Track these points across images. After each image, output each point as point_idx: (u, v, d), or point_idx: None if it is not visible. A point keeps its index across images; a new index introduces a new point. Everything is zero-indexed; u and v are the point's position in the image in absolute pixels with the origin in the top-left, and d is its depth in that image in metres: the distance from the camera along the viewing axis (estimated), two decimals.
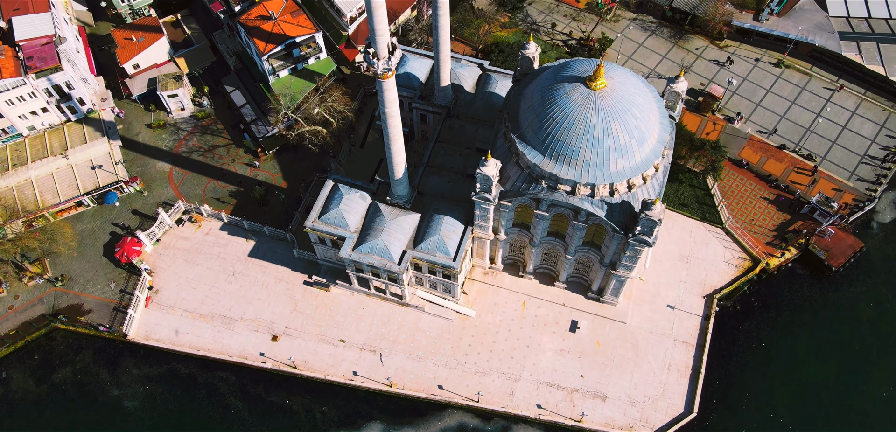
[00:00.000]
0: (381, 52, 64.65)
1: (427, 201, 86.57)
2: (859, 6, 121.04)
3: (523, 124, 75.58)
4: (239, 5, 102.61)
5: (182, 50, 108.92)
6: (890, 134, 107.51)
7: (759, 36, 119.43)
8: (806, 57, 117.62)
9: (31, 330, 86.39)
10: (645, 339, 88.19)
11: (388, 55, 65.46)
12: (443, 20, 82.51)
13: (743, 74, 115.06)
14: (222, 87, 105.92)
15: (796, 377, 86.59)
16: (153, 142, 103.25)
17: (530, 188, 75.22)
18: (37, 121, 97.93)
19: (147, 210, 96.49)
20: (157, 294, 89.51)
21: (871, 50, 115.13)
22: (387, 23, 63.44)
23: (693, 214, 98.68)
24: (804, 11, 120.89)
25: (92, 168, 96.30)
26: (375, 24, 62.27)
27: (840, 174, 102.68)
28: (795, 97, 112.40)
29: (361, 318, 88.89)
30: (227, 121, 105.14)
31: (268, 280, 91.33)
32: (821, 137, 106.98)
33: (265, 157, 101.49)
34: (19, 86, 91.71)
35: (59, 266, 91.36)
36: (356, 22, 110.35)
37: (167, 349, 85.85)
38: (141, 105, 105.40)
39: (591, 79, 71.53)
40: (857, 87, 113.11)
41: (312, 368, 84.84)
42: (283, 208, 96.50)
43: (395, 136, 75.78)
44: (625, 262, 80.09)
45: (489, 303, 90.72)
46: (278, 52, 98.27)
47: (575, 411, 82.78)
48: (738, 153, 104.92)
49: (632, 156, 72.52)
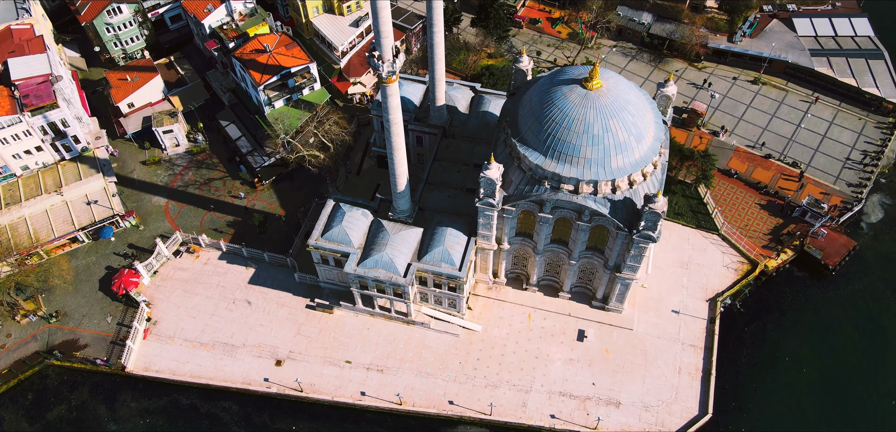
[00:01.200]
0: (386, 54, 65.08)
1: (429, 216, 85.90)
2: (825, 25, 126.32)
3: (523, 128, 76.16)
4: (233, 42, 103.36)
5: (176, 89, 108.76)
6: (868, 140, 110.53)
7: (735, 56, 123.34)
8: (780, 74, 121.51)
9: (24, 368, 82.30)
10: (653, 345, 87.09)
11: (393, 58, 65.96)
12: (437, 37, 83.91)
13: (723, 92, 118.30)
14: (217, 121, 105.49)
15: (806, 375, 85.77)
16: (148, 179, 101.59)
17: (533, 190, 75.19)
18: (31, 160, 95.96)
19: (143, 244, 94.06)
20: (155, 325, 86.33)
21: (842, 64, 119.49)
22: (391, 25, 64.17)
23: (689, 223, 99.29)
24: (774, 32, 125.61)
25: (87, 203, 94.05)
26: (380, 25, 62.89)
27: (825, 179, 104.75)
28: (775, 111, 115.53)
29: (367, 339, 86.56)
30: (223, 155, 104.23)
31: (269, 306, 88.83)
32: (803, 146, 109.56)
33: (262, 187, 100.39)
34: (14, 123, 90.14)
35: (54, 302, 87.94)
36: (347, 56, 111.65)
37: (167, 380, 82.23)
38: (135, 143, 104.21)
39: (588, 80, 72.89)
40: (832, 100, 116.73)
41: (319, 390, 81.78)
42: (282, 235, 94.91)
43: (397, 145, 75.63)
44: (629, 263, 79.70)
45: (494, 317, 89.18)
46: (274, 82, 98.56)
47: (589, 419, 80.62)
48: (727, 164, 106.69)
49: (631, 153, 73.21)
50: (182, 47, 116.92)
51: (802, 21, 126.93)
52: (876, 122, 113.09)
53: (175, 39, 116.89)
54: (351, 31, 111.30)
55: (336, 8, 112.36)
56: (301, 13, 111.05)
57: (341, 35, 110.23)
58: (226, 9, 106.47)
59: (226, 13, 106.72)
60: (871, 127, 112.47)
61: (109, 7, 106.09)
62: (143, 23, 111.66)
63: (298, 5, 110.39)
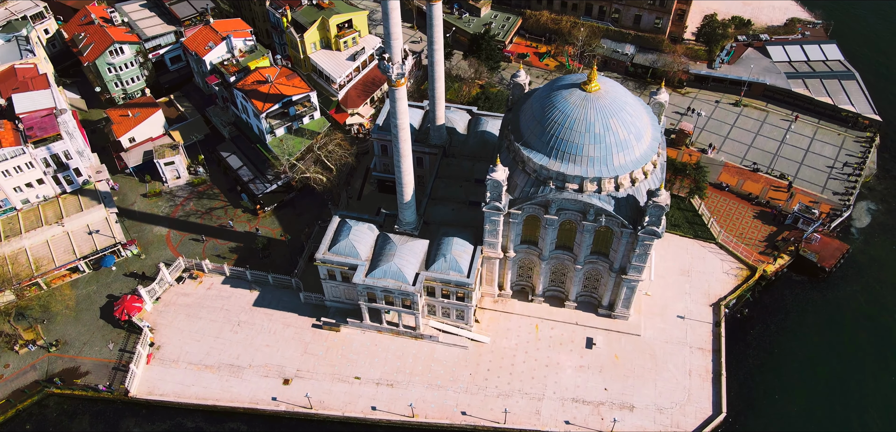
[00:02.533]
0: (396, 56, 66.32)
1: (433, 229, 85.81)
2: (797, 52, 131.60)
3: (526, 132, 77.41)
4: (234, 76, 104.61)
5: (176, 124, 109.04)
6: (849, 153, 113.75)
7: (716, 81, 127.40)
8: (759, 96, 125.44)
9: (22, 398, 78.69)
10: (661, 349, 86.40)
11: (402, 61, 67.22)
12: (437, 55, 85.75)
13: (707, 114, 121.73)
14: (217, 153, 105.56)
15: (814, 374, 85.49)
16: (149, 210, 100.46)
17: (539, 191, 75.81)
18: (32, 193, 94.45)
19: (145, 272, 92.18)
20: (158, 350, 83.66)
21: (817, 85, 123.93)
22: (400, 27, 65.64)
23: (686, 233, 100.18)
24: (751, 59, 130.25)
25: (89, 233, 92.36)
26: (391, 27, 64.30)
27: (812, 189, 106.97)
28: (758, 129, 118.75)
29: (375, 355, 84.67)
30: (223, 185, 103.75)
31: (275, 326, 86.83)
32: (788, 160, 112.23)
33: (264, 214, 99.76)
34: (18, 155, 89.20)
35: (54, 331, 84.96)
36: (345, 88, 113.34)
37: (172, 402, 79.15)
38: (136, 177, 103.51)
39: (586, 83, 74.94)
40: (811, 118, 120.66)
41: (328, 407, 79.22)
42: (286, 256, 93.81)
43: (405, 152, 76.13)
44: (635, 263, 79.80)
45: (502, 329, 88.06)
46: (275, 110, 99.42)
47: (604, 423, 78.99)
48: (717, 178, 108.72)
49: (632, 150, 74.55)
50: (181, 87, 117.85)
51: (776, 48, 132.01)
52: (854, 137, 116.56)
53: (174, 80, 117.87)
54: (348, 64, 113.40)
55: (333, 44, 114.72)
56: (299, 50, 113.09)
57: (339, 68, 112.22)
58: (226, 46, 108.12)
59: (226, 50, 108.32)
60: (851, 141, 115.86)
61: (112, 47, 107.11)
62: (144, 63, 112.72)
63: (296, 42, 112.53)
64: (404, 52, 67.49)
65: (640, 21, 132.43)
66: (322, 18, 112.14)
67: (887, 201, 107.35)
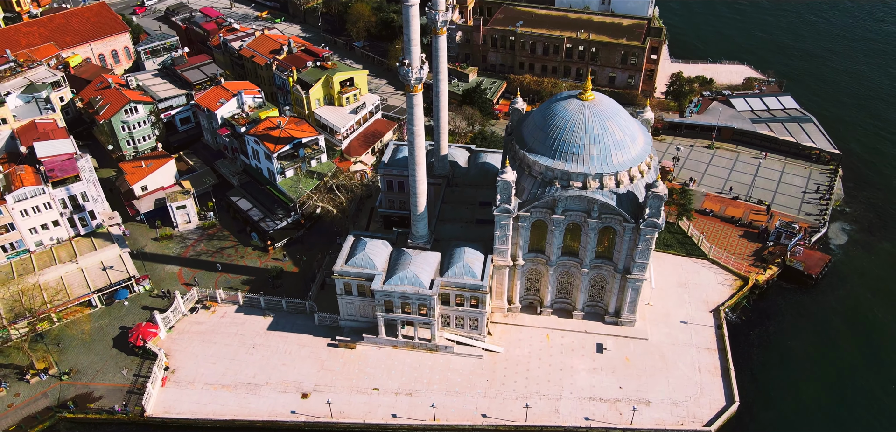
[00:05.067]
0: (415, 61, 71.24)
1: (444, 244, 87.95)
2: (758, 103, 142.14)
3: (530, 140, 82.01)
4: (244, 127, 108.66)
5: (186, 175, 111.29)
6: (817, 183, 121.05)
7: (688, 128, 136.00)
8: (729, 140, 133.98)
9: (33, 424, 75.11)
10: (669, 350, 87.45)
11: (420, 66, 72.12)
12: (442, 85, 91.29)
13: (685, 155, 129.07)
14: (227, 198, 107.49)
15: (815, 369, 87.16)
16: (160, 252, 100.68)
17: (545, 192, 79.48)
18: (46, 235, 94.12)
19: (158, 305, 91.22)
20: (173, 373, 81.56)
21: (779, 128, 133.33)
22: (419, 33, 70.93)
23: (679, 252, 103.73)
24: (717, 109, 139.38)
25: (102, 269, 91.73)
26: (411, 33, 69.56)
27: (789, 212, 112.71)
28: (732, 166, 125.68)
29: (391, 368, 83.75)
30: (233, 228, 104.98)
31: (290, 347, 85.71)
32: (763, 190, 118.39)
33: (274, 250, 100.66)
34: (38, 194, 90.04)
35: (67, 361, 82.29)
36: (348, 138, 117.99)
37: (189, 420, 76.42)
38: (147, 223, 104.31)
39: (582, 93, 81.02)
40: (779, 156, 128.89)
41: (348, 416, 77.43)
42: (298, 286, 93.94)
43: (419, 160, 79.54)
44: (637, 261, 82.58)
45: (514, 340, 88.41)
46: (286, 151, 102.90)
47: (622, 419, 78.56)
48: (701, 205, 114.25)
49: (628, 150, 79.42)
50: (189, 145, 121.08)
51: (738, 100, 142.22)
52: (820, 170, 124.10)
53: (183, 140, 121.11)
54: (350, 117, 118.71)
55: (336, 100, 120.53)
56: (305, 105, 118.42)
57: (342, 120, 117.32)
58: (237, 101, 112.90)
59: (237, 105, 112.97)
60: (817, 173, 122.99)
61: (127, 106, 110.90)
62: (156, 123, 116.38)
63: (302, 98, 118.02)
64: (422, 60, 72.53)
65: (614, 80, 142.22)
66: (326, 76, 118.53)
67: (859, 221, 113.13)
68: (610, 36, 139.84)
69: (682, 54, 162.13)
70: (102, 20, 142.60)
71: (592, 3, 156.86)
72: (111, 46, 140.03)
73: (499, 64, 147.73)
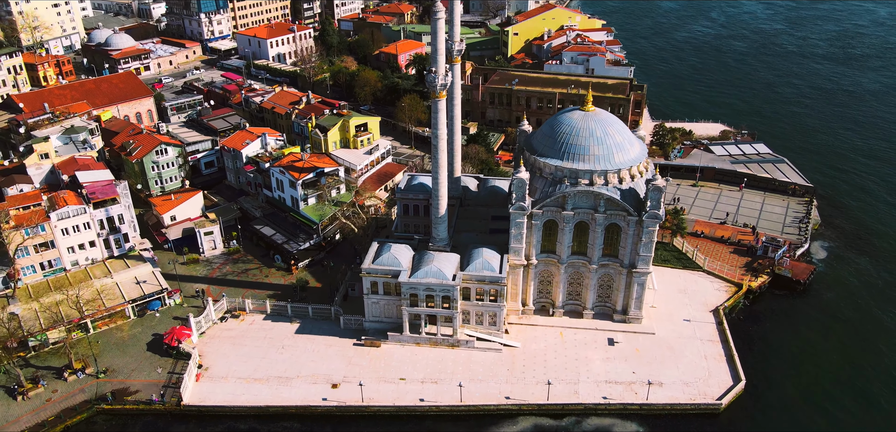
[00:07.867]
0: (440, 69, 79.15)
1: (461, 249, 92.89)
2: (734, 149, 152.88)
3: (540, 147, 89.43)
4: (268, 163, 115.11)
5: (212, 209, 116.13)
6: (795, 212, 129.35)
7: (674, 169, 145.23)
8: (712, 179, 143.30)
9: (72, 415, 75.60)
10: (676, 342, 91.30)
11: (444, 74, 79.94)
12: (456, 111, 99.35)
13: (671, 193, 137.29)
14: (252, 227, 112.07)
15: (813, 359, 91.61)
16: (188, 273, 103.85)
17: (556, 190, 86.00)
18: (82, 255, 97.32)
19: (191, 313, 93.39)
20: (206, 370, 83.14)
21: (756, 167, 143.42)
22: (444, 42, 79.25)
23: (675, 266, 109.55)
24: (699, 154, 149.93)
25: (136, 283, 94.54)
26: (437, 43, 77.91)
27: (773, 232, 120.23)
28: (717, 199, 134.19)
29: (416, 362, 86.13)
30: (257, 253, 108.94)
31: (318, 347, 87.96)
32: (748, 216, 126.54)
33: (298, 270, 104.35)
34: (79, 214, 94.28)
35: (103, 361, 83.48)
36: (363, 176, 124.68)
37: (224, 408, 77.49)
38: (174, 250, 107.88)
39: (583, 104, 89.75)
40: (759, 192, 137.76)
41: (379, 402, 79.24)
42: (323, 299, 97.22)
43: (441, 163, 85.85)
44: (642, 254, 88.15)
45: (530, 337, 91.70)
46: (310, 178, 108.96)
47: (638, 398, 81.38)
48: (692, 228, 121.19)
49: (628, 151, 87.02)
50: (212, 187, 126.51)
51: (717, 147, 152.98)
52: (797, 202, 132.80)
53: (207, 182, 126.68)
54: (365, 157, 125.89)
55: (351, 143, 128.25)
56: (322, 147, 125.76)
57: (357, 160, 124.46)
58: (261, 142, 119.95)
59: (260, 146, 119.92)
60: (794, 203, 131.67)
61: (159, 148, 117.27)
62: (183, 164, 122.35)
63: (321, 141, 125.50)
64: (446, 69, 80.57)
65: None
66: (343, 121, 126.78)
67: (837, 241, 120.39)
68: (597, 91, 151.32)
69: (661, 116, 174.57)
70: (129, 86, 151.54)
71: (577, 69, 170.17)
72: (136, 109, 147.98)
73: (497, 119, 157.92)
